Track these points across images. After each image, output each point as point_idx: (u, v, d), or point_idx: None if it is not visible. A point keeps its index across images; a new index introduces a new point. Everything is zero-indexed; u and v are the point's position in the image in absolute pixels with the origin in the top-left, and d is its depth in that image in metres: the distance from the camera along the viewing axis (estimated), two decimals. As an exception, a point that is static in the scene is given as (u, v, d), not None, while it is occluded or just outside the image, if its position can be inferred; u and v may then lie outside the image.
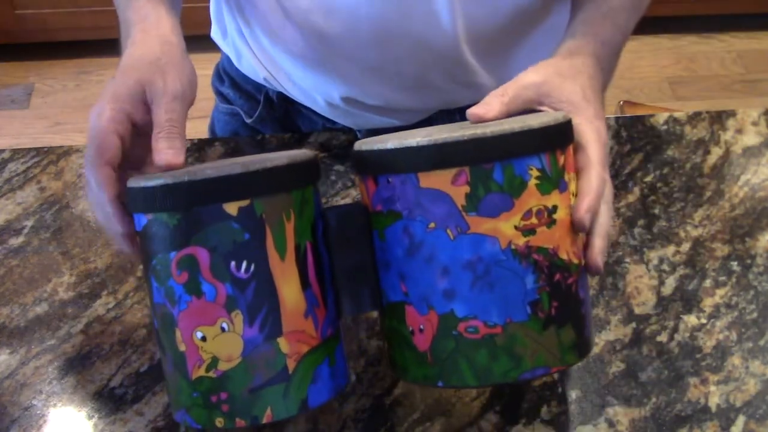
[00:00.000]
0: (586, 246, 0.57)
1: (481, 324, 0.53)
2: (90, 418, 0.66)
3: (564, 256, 0.54)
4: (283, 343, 0.53)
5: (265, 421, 0.53)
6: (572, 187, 0.55)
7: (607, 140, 0.61)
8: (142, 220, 0.53)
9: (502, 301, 0.53)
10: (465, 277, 0.53)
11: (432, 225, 0.53)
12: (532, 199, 0.52)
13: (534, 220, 0.53)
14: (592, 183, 0.56)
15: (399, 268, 0.55)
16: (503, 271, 0.52)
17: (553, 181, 0.53)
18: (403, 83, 0.83)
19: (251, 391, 0.53)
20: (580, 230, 0.55)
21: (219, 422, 0.53)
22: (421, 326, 0.54)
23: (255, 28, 0.86)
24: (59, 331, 0.72)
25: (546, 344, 0.54)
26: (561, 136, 0.54)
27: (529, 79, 0.61)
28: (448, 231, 0.52)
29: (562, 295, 0.54)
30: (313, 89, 0.89)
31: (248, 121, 0.98)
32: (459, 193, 0.52)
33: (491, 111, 0.58)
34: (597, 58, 0.65)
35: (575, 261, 0.55)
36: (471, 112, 0.58)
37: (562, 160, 0.54)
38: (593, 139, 0.58)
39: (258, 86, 0.96)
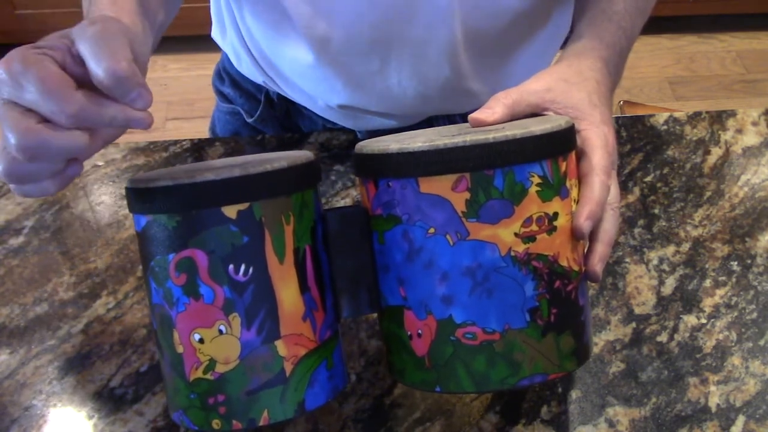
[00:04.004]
0: (588, 252, 0.57)
1: (480, 330, 0.53)
2: (90, 418, 0.66)
3: (564, 263, 0.54)
4: (280, 346, 0.53)
5: (261, 423, 0.53)
6: (574, 193, 0.55)
7: (615, 145, 0.60)
8: (141, 221, 0.53)
9: (501, 307, 0.52)
10: (464, 283, 0.52)
11: (432, 230, 0.52)
12: (532, 205, 0.52)
13: (534, 227, 0.52)
14: (594, 190, 0.55)
15: (398, 273, 0.55)
16: (502, 277, 0.52)
17: (554, 188, 0.53)
18: (404, 91, 0.83)
19: (248, 393, 0.53)
20: (579, 238, 0.54)
21: (216, 424, 0.53)
22: (420, 331, 0.54)
23: (255, 34, 0.86)
24: (59, 331, 0.72)
25: (544, 351, 0.53)
26: (563, 142, 0.54)
27: (534, 85, 0.61)
28: (448, 237, 0.52)
29: (561, 302, 0.54)
30: (313, 94, 0.89)
31: (249, 120, 0.98)
32: (459, 199, 0.52)
33: (494, 115, 0.58)
34: (604, 61, 0.65)
35: (575, 268, 0.55)
36: (473, 117, 0.58)
37: (564, 166, 0.54)
38: (598, 146, 0.57)
39: (258, 86, 0.96)
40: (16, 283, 0.76)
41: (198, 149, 0.89)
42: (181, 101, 2.32)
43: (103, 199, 0.84)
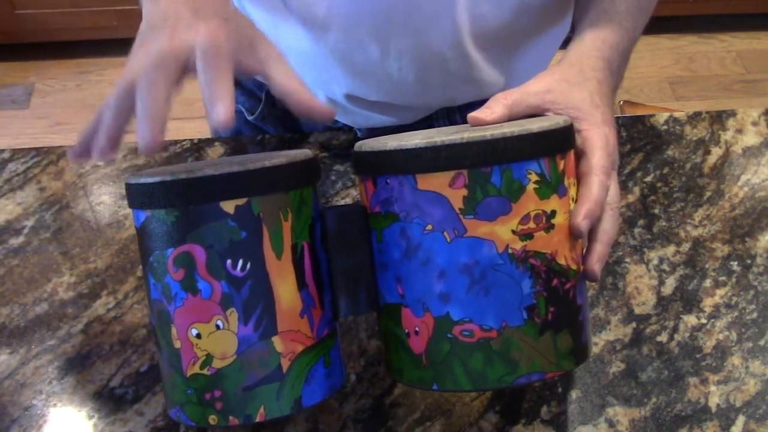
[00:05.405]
0: (587, 251, 0.57)
1: (477, 328, 0.53)
2: (90, 418, 0.66)
3: (562, 262, 0.54)
4: (277, 342, 0.53)
5: (258, 419, 0.53)
6: (572, 192, 0.55)
7: (616, 146, 0.60)
8: (141, 216, 0.54)
9: (498, 305, 0.52)
10: (461, 281, 0.52)
11: (429, 227, 0.52)
12: (530, 203, 0.52)
13: (532, 225, 0.52)
14: (592, 190, 0.55)
15: (396, 270, 0.55)
16: (500, 275, 0.52)
17: (552, 186, 0.53)
18: (405, 78, 0.83)
19: (245, 389, 0.53)
20: (576, 236, 0.54)
21: (213, 420, 0.53)
22: (417, 328, 0.54)
23: (256, 24, 0.86)
24: (59, 331, 0.72)
25: (542, 350, 0.53)
26: (561, 141, 0.54)
27: (535, 86, 0.61)
28: (446, 234, 0.52)
29: (559, 300, 0.54)
30: (313, 85, 0.89)
31: (250, 118, 0.98)
32: (457, 196, 0.52)
33: (492, 114, 0.58)
34: (606, 61, 0.65)
35: (573, 267, 0.55)
36: (472, 116, 0.58)
37: (562, 165, 0.54)
38: (598, 146, 0.57)
39: (259, 84, 0.96)
40: (16, 283, 0.76)
41: (198, 149, 0.89)
42: (181, 101, 2.30)
43: (103, 199, 0.84)
